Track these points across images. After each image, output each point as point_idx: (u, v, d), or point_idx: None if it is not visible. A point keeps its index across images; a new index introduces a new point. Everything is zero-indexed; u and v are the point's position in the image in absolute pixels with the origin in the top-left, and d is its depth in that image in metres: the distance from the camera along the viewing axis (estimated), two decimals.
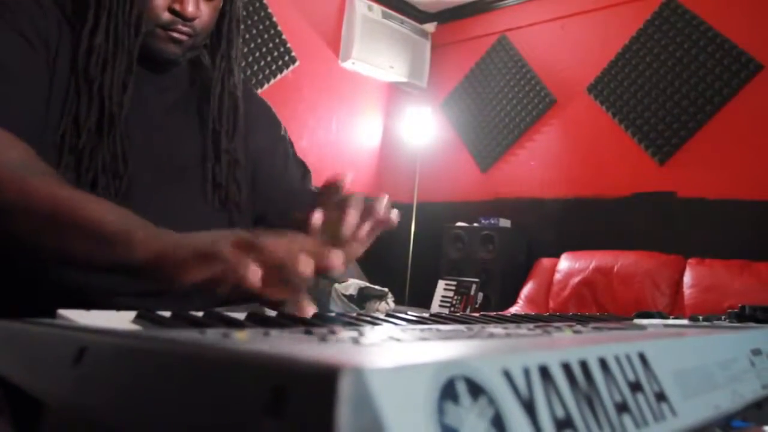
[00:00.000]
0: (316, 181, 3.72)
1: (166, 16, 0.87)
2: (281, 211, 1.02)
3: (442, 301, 3.47)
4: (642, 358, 0.33)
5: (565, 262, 3.48)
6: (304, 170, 1.15)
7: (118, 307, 0.47)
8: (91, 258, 0.66)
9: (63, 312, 0.42)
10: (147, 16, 0.86)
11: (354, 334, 0.31)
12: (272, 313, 0.56)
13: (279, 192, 1.06)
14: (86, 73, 0.85)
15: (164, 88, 0.96)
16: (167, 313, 0.45)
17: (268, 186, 1.05)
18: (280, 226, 1.00)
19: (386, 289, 3.38)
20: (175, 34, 0.88)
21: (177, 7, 0.86)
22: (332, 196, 0.74)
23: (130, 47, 0.86)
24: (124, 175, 0.86)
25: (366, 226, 0.73)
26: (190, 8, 0.86)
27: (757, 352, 0.50)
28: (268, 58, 3.76)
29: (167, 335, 0.28)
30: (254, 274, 0.54)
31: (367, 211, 0.72)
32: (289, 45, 3.86)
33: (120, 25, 0.85)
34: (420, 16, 4.63)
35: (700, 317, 0.73)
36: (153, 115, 0.93)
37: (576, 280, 3.36)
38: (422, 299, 3.73)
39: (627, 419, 0.29)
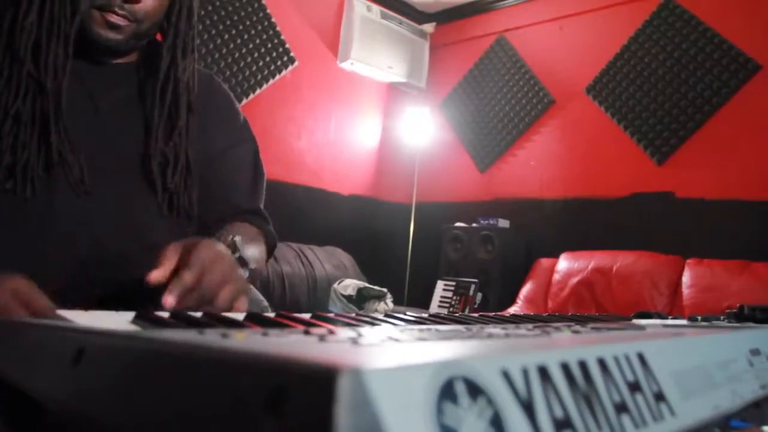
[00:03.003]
0: (316, 181, 3.72)
1: None
2: (217, 218, 0.98)
3: (440, 301, 3.47)
4: (641, 358, 0.33)
5: (564, 263, 3.48)
6: (256, 175, 1.07)
7: None
8: None
9: (61, 312, 0.42)
10: None
11: (353, 334, 0.31)
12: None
13: (220, 201, 1.00)
14: (15, 55, 0.79)
15: (112, 83, 0.90)
16: (166, 314, 0.45)
17: (212, 191, 0.99)
18: (213, 229, 0.97)
19: (385, 290, 3.38)
20: (113, 18, 0.83)
21: None
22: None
23: (66, 29, 0.81)
24: (60, 169, 0.81)
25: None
26: None
27: (755, 352, 0.50)
28: (267, 59, 3.76)
29: (166, 336, 0.28)
30: None
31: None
32: (287, 45, 3.85)
33: (56, 4, 0.80)
34: (419, 16, 4.63)
35: (699, 317, 0.73)
36: (98, 111, 0.88)
37: (575, 280, 3.36)
38: (421, 299, 3.73)
39: (626, 419, 0.29)
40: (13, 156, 0.79)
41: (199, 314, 0.46)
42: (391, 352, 0.24)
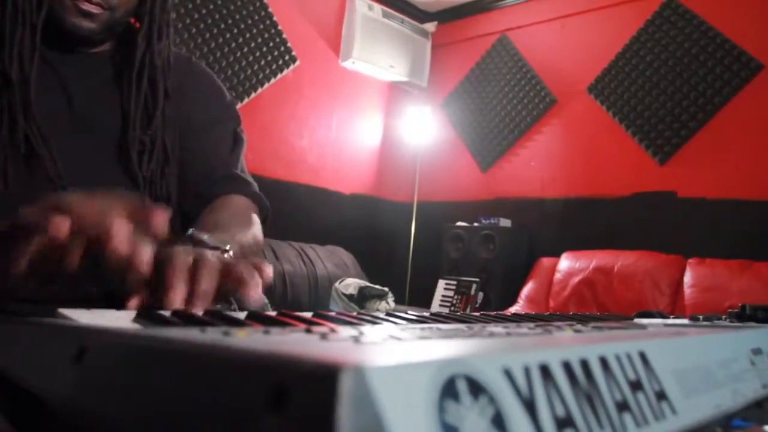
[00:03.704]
0: (318, 180, 3.72)
1: None
2: (195, 194, 0.95)
3: (442, 300, 3.47)
4: (642, 357, 0.33)
5: (565, 262, 3.48)
6: (234, 142, 1.04)
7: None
8: None
9: (63, 311, 0.42)
10: None
11: (354, 333, 0.31)
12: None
13: (200, 175, 0.97)
14: None
15: (86, 71, 0.89)
16: (168, 312, 0.45)
17: (191, 167, 0.97)
18: (194, 206, 0.94)
19: (386, 289, 3.38)
20: (85, 6, 0.81)
21: None
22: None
23: (32, 19, 0.79)
24: (35, 160, 0.79)
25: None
26: None
27: (757, 351, 0.50)
28: (269, 58, 3.76)
29: (168, 334, 0.28)
30: (58, 226, 0.49)
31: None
32: (289, 44, 3.85)
33: None
34: (420, 15, 4.63)
35: (701, 317, 0.72)
36: (72, 101, 0.86)
37: (576, 279, 3.36)
38: (422, 299, 3.73)
39: (627, 418, 0.29)
40: None
41: (200, 312, 0.46)
42: (392, 350, 0.24)
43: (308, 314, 0.50)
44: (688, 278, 3.04)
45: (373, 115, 4.50)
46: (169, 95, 0.93)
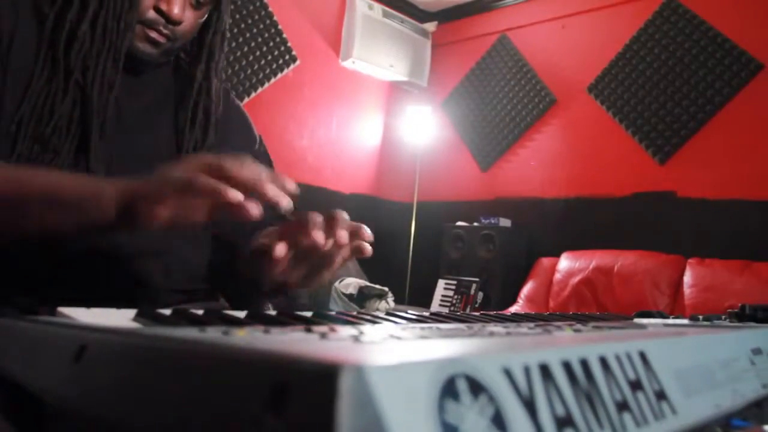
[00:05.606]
0: (317, 180, 3.71)
1: (151, 14, 0.84)
2: (233, 229, 0.97)
3: (442, 300, 3.47)
4: (642, 356, 0.33)
5: (565, 262, 3.48)
6: None
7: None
8: (59, 225, 0.65)
9: (63, 309, 0.42)
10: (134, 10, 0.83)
11: (354, 332, 0.31)
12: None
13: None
14: (66, 61, 0.80)
15: (136, 91, 0.92)
16: (167, 311, 0.45)
17: None
18: (230, 241, 0.98)
19: (386, 288, 3.38)
20: (154, 35, 0.86)
21: (164, 6, 0.84)
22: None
23: (117, 43, 0.83)
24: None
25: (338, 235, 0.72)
26: (176, 10, 0.84)
27: (757, 351, 0.50)
28: (269, 57, 3.76)
29: (168, 333, 0.28)
30: (234, 195, 0.57)
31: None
32: (289, 44, 3.85)
33: (109, 16, 0.82)
34: (421, 15, 4.63)
35: (701, 317, 0.72)
36: (125, 118, 0.89)
37: (576, 279, 3.36)
38: (422, 298, 3.73)
39: (627, 418, 0.29)
40: (43, 159, 0.79)
41: (200, 312, 0.46)
42: (392, 349, 0.24)
43: (308, 314, 0.50)
44: (687, 278, 3.04)
45: (373, 114, 4.50)
46: (218, 129, 0.98)
